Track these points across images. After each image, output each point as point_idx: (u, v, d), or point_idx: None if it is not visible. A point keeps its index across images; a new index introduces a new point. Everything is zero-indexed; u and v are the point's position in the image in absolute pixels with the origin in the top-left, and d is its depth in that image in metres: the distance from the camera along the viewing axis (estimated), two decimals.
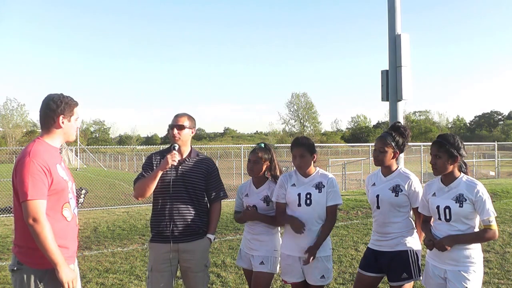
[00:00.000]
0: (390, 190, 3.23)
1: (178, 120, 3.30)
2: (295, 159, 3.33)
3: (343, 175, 17.47)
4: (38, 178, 2.42)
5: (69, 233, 2.63)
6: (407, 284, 3.21)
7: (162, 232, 3.23)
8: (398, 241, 3.22)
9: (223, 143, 66.82)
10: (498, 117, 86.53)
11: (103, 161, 40.12)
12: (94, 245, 7.41)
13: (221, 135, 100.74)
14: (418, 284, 4.38)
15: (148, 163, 3.33)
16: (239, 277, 5.42)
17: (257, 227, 3.50)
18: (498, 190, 13.56)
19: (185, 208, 3.24)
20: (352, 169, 20.53)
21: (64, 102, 2.63)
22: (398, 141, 3.27)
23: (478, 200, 2.86)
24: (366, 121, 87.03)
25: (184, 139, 3.31)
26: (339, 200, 3.33)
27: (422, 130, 72.08)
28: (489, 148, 30.67)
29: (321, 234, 3.28)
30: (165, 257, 3.21)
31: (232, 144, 56.56)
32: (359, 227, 8.57)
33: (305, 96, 74.06)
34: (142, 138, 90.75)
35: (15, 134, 62.30)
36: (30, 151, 2.48)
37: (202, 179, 3.33)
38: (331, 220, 3.33)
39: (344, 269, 5.74)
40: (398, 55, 5.86)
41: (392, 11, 5.94)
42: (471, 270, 2.89)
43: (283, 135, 72.11)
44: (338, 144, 57.70)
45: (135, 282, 5.37)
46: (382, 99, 6.05)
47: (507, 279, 5.23)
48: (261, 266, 3.43)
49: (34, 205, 2.39)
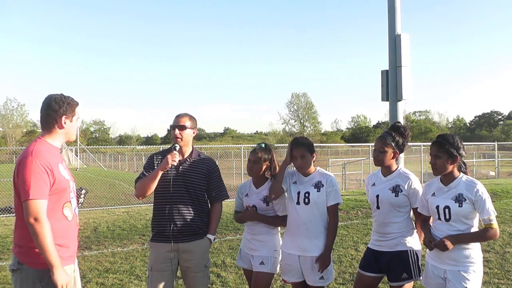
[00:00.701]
0: (390, 190, 3.23)
1: (179, 120, 3.30)
2: (296, 159, 3.33)
3: (343, 175, 17.46)
4: (40, 177, 2.42)
5: (69, 233, 2.64)
6: (407, 284, 3.20)
7: (162, 231, 3.24)
8: (398, 241, 3.21)
9: (223, 143, 66.84)
10: (498, 117, 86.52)
11: (103, 161, 40.12)
12: (94, 245, 7.41)
13: (221, 135, 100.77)
14: (418, 284, 4.38)
15: (150, 163, 3.34)
16: (239, 277, 5.42)
17: (257, 227, 3.49)
18: (498, 190, 13.56)
19: (186, 208, 3.25)
20: (352, 169, 20.52)
21: (66, 102, 2.65)
22: (398, 141, 3.27)
23: (478, 200, 2.86)
24: (366, 121, 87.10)
25: (186, 139, 3.31)
26: (339, 200, 3.32)
27: (422, 130, 72.10)
28: (489, 148, 30.66)
29: (328, 236, 3.29)
30: (165, 256, 3.22)
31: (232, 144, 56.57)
32: (359, 227, 8.57)
33: (305, 96, 74.08)
34: (142, 138, 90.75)
35: (15, 134, 62.30)
36: (32, 151, 2.49)
37: (203, 179, 3.33)
38: (334, 220, 3.33)
39: (344, 269, 5.74)
40: (398, 55, 5.86)
41: (392, 11, 5.94)
42: (471, 270, 2.89)
43: (283, 135, 72.07)
44: (338, 144, 57.71)
45: (135, 282, 5.36)
46: (382, 99, 6.05)
47: (507, 279, 5.24)
48: (261, 266, 3.43)
49: (35, 204, 2.39)
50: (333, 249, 3.39)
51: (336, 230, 3.34)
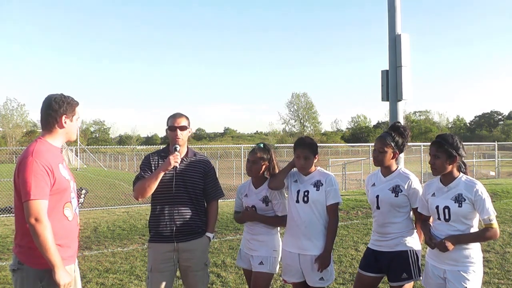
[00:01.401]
0: (390, 191, 3.23)
1: (179, 121, 3.29)
2: (299, 159, 3.33)
3: (343, 175, 17.47)
4: (41, 178, 2.43)
5: (70, 233, 2.64)
6: (407, 284, 3.21)
7: (162, 232, 3.24)
8: (398, 241, 3.22)
9: (223, 143, 66.83)
10: (498, 117, 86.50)
11: (103, 161, 40.11)
12: (94, 245, 7.41)
13: (221, 135, 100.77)
14: (418, 284, 4.38)
15: (146, 164, 3.33)
16: (239, 277, 5.42)
17: (256, 227, 3.50)
18: (498, 190, 13.56)
19: (185, 207, 3.25)
20: (352, 169, 20.52)
21: (66, 102, 2.65)
22: (397, 141, 3.27)
23: (478, 200, 2.86)
24: (366, 121, 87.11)
25: (185, 140, 3.32)
26: (338, 199, 3.33)
27: (422, 130, 72.08)
28: (489, 148, 30.65)
29: (328, 236, 3.29)
30: (165, 256, 3.22)
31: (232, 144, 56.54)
32: (359, 227, 8.57)
33: (305, 96, 74.20)
34: (142, 138, 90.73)
35: (15, 134, 62.31)
36: (33, 151, 2.49)
37: (200, 179, 3.34)
38: (334, 219, 3.33)
39: (344, 269, 5.74)
40: (398, 55, 5.86)
41: (392, 11, 5.94)
42: (471, 270, 2.90)
43: (283, 135, 72.16)
44: (338, 144, 57.66)
45: (135, 282, 5.37)
46: (382, 99, 6.05)
47: (507, 279, 5.24)
48: (261, 266, 3.43)
49: (36, 205, 2.39)
50: (333, 249, 3.39)
51: (335, 230, 3.34)
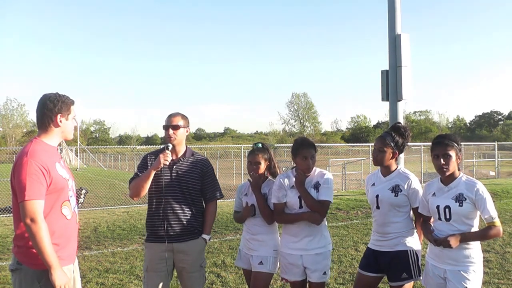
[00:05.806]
0: (389, 190, 3.23)
1: (172, 120, 3.29)
2: (307, 160, 3.28)
3: (343, 175, 17.45)
4: (36, 178, 2.42)
5: (68, 232, 2.63)
6: (407, 284, 3.20)
7: (156, 231, 3.23)
8: (398, 241, 3.21)
9: (223, 143, 66.91)
10: (498, 117, 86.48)
11: (103, 161, 40.09)
12: (94, 245, 7.41)
13: (221, 135, 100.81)
14: (418, 284, 4.38)
15: (143, 163, 3.33)
16: (239, 277, 5.41)
17: (255, 227, 3.49)
18: (498, 190, 13.56)
19: (180, 208, 3.24)
20: (352, 169, 20.51)
21: (61, 100, 2.64)
22: (397, 141, 3.27)
23: (479, 199, 2.86)
24: (366, 121, 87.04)
25: (179, 139, 3.30)
26: (329, 198, 3.29)
27: (422, 130, 72.07)
28: (489, 148, 30.60)
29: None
30: (160, 256, 3.21)
31: (232, 144, 56.56)
32: (359, 227, 8.57)
33: (305, 96, 74.17)
34: (142, 138, 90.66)
35: (15, 134, 62.30)
36: (28, 151, 2.48)
37: (197, 179, 3.32)
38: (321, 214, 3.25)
39: (344, 269, 5.73)
40: (398, 55, 5.87)
41: (392, 11, 5.94)
42: (471, 270, 2.89)
43: (283, 135, 72.17)
44: (338, 144, 57.62)
45: (135, 282, 5.36)
46: (382, 99, 6.06)
47: (507, 279, 5.24)
48: (260, 266, 3.42)
49: (31, 205, 2.38)
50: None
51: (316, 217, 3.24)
